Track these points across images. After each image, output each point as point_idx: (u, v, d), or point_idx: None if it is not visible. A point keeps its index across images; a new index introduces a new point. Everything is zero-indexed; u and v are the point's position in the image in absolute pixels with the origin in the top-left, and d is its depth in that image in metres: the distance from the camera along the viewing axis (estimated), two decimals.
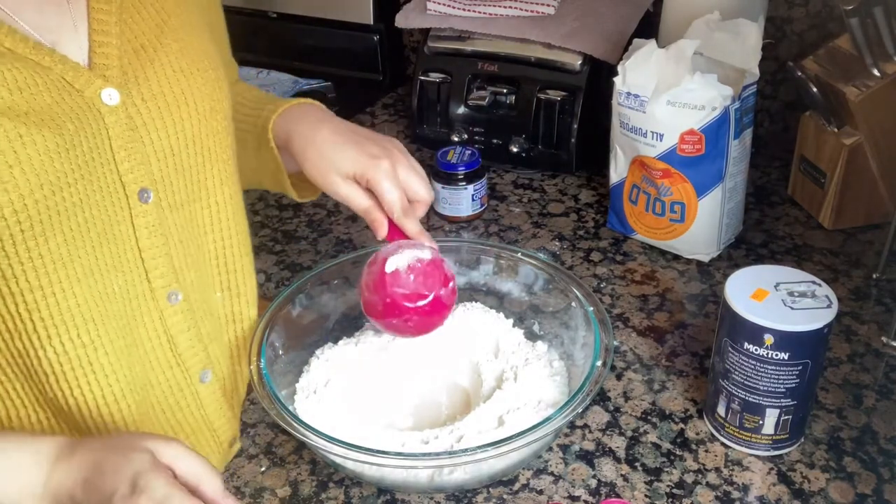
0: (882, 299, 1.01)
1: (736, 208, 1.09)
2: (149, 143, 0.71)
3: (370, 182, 0.81)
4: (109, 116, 0.68)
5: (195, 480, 0.60)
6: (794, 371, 0.75)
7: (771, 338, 0.74)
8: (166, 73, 0.73)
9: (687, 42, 1.02)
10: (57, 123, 0.64)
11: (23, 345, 0.68)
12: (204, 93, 0.75)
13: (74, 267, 0.67)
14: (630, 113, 1.05)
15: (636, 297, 1.04)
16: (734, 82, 1.01)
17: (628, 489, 0.78)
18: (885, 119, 1.06)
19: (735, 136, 1.02)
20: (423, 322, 0.82)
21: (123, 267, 0.71)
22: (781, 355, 0.74)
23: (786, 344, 0.74)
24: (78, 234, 0.67)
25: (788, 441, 0.80)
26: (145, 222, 0.72)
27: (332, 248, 1.17)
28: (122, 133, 0.69)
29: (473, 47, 1.32)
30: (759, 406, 0.78)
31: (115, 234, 0.70)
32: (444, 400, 0.88)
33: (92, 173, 0.67)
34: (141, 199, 0.71)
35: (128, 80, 0.70)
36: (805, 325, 0.73)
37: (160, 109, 0.72)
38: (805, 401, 0.78)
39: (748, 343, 0.75)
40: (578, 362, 0.84)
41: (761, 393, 0.77)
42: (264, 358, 0.79)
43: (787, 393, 0.76)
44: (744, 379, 0.77)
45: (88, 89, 0.68)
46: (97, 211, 0.68)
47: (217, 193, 0.79)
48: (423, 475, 0.74)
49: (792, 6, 1.29)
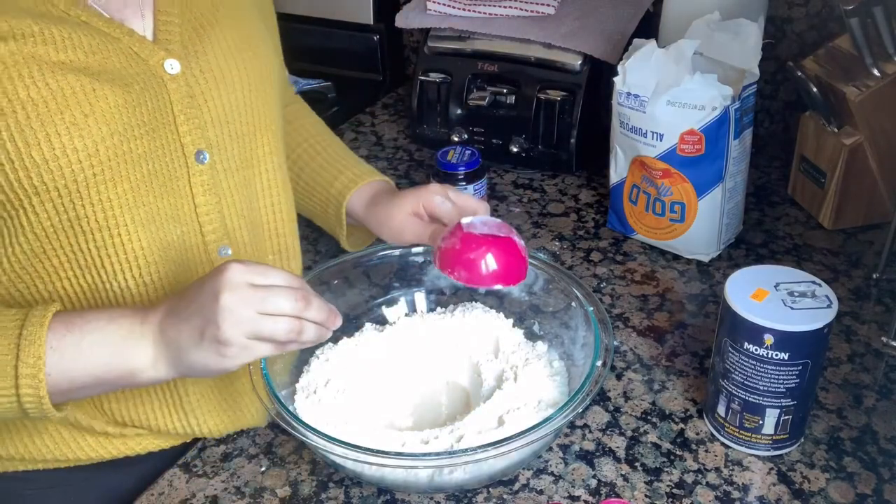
0: (882, 299, 1.01)
1: (736, 208, 1.09)
2: (206, 110, 0.79)
3: (426, 206, 0.89)
4: (171, 84, 0.76)
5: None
6: (794, 371, 0.75)
7: (771, 338, 0.74)
8: (221, 48, 0.80)
9: (687, 42, 1.02)
10: (126, 83, 0.72)
11: (91, 279, 0.76)
12: (254, 66, 0.83)
13: (139, 212, 0.75)
14: (630, 113, 1.05)
15: (636, 297, 1.04)
16: (734, 82, 1.01)
17: (628, 489, 0.78)
18: (885, 119, 1.06)
19: (735, 136, 1.02)
20: (502, 259, 0.79)
21: (181, 219, 0.78)
22: (781, 355, 0.74)
23: (786, 344, 0.74)
24: (142, 183, 0.74)
25: (788, 441, 0.80)
26: (201, 181, 0.79)
27: (332, 249, 1.17)
28: (182, 99, 0.77)
29: (473, 47, 1.32)
30: (759, 406, 0.78)
31: (175, 188, 0.77)
32: (444, 400, 0.88)
33: (155, 131, 0.75)
34: (198, 160, 0.78)
35: (188, 53, 0.78)
36: (805, 325, 0.73)
37: (216, 80, 0.79)
38: (805, 401, 0.78)
39: (748, 343, 0.75)
40: (578, 362, 0.84)
41: (761, 393, 0.77)
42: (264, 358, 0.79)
43: (787, 393, 0.76)
44: (744, 379, 0.77)
45: (153, 59, 0.75)
46: (159, 165, 0.76)
47: (268, 161, 0.86)
48: (423, 475, 0.74)
49: (792, 6, 1.29)
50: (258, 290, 0.67)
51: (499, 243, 0.79)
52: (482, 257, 0.78)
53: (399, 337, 0.92)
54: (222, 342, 0.66)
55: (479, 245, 0.78)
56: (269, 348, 0.69)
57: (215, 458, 0.84)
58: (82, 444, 0.83)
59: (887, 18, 1.01)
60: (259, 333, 0.67)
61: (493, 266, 0.78)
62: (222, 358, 0.67)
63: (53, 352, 0.67)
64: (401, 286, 0.96)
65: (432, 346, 0.91)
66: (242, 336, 0.66)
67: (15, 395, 0.67)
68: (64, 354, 0.68)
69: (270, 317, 0.67)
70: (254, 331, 0.67)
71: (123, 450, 0.84)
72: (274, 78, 0.86)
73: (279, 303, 0.67)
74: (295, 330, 0.69)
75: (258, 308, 0.66)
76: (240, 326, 0.66)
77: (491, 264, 0.78)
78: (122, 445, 0.84)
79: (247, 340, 0.67)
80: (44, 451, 0.83)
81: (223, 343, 0.66)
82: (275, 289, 0.67)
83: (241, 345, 0.67)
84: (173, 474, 0.83)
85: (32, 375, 0.67)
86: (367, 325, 0.94)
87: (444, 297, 0.96)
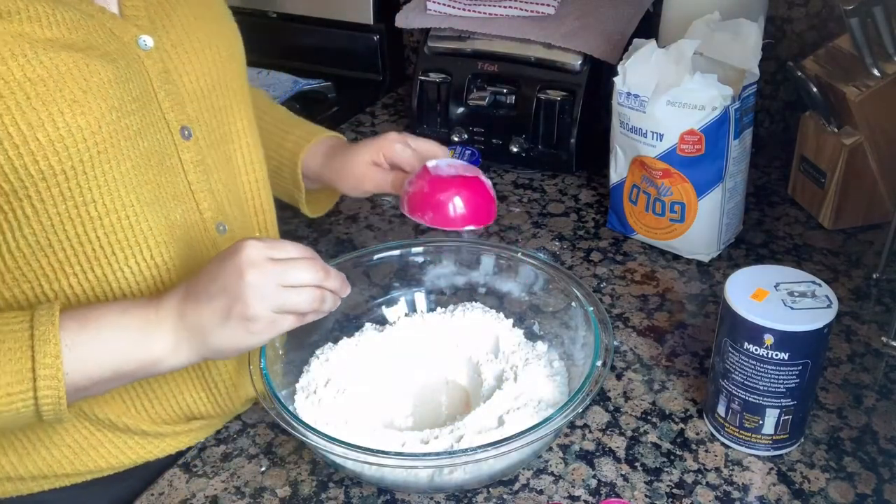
0: (882, 299, 1.01)
1: (736, 208, 1.09)
2: (181, 85, 0.78)
3: (385, 154, 0.90)
4: (147, 60, 0.75)
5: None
6: (794, 371, 0.75)
7: (771, 338, 0.74)
8: (189, 21, 0.79)
9: (687, 42, 1.02)
10: (111, 58, 0.71)
11: (101, 272, 0.74)
12: (222, 39, 0.83)
13: (143, 192, 0.74)
14: (630, 113, 1.05)
15: (636, 297, 1.04)
16: (734, 82, 1.01)
17: (628, 489, 0.78)
18: (885, 119, 1.06)
19: (735, 136, 1.02)
20: (471, 200, 0.79)
21: (179, 196, 0.78)
22: (781, 355, 0.74)
23: (786, 344, 0.74)
24: (143, 160, 0.73)
25: (788, 441, 0.80)
26: (190, 157, 0.79)
27: (332, 248, 1.17)
28: (159, 75, 0.76)
29: (473, 47, 1.32)
30: (760, 406, 0.78)
31: (169, 165, 0.77)
32: (444, 400, 0.88)
33: (144, 107, 0.74)
34: (183, 135, 0.78)
35: (156, 27, 0.77)
36: (805, 325, 0.73)
37: (188, 53, 0.79)
38: (805, 401, 0.78)
39: (748, 343, 0.75)
40: (578, 362, 0.84)
41: (761, 393, 0.77)
42: (264, 358, 0.79)
43: (788, 393, 0.76)
44: (744, 379, 0.77)
45: (126, 35, 0.74)
46: (153, 142, 0.75)
47: (247, 135, 0.86)
48: (422, 475, 0.74)
49: (792, 6, 1.29)
50: (279, 264, 0.68)
51: (467, 184, 0.80)
52: (451, 199, 0.78)
53: (399, 337, 0.92)
54: (250, 318, 0.67)
55: (448, 186, 0.79)
56: (292, 320, 0.70)
57: (215, 458, 0.84)
58: (109, 449, 0.82)
59: (887, 18, 1.01)
60: (284, 306, 0.68)
61: (462, 208, 0.79)
62: (250, 335, 0.68)
63: (69, 350, 0.66)
64: (401, 286, 0.96)
65: (432, 346, 0.91)
66: (269, 310, 0.68)
67: (33, 397, 0.65)
68: (82, 352, 0.67)
69: (294, 289, 0.69)
70: (280, 304, 0.68)
71: (165, 449, 0.84)
72: (241, 52, 0.86)
73: (301, 275, 0.69)
74: (317, 299, 0.70)
75: (282, 281, 0.68)
76: (266, 301, 0.67)
77: (459, 206, 0.79)
78: (159, 445, 0.84)
79: (273, 314, 0.68)
80: (64, 463, 0.81)
81: (251, 319, 0.67)
82: (294, 261, 0.69)
83: (269, 319, 0.68)
84: (173, 474, 0.83)
85: (51, 376, 0.65)
86: (367, 325, 0.94)
87: (444, 297, 0.96)
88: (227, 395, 0.85)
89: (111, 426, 0.81)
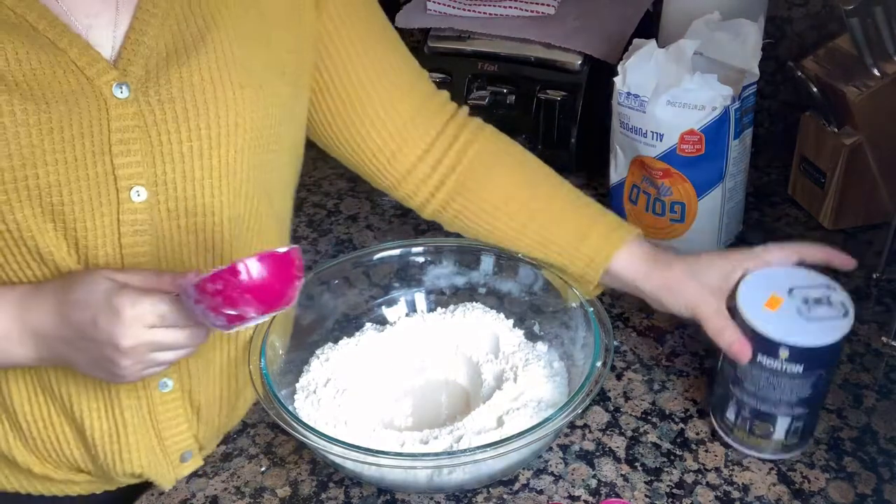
0: (882, 299, 1.01)
1: (736, 208, 1.09)
2: (156, 144, 0.70)
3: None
4: (115, 109, 0.68)
5: (152, 285, 0.68)
6: (809, 382, 0.74)
7: (787, 352, 0.72)
8: (192, 81, 0.71)
9: (687, 42, 1.02)
10: (46, 101, 0.65)
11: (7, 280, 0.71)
12: (230, 107, 0.73)
13: (56, 237, 0.69)
14: (630, 113, 1.05)
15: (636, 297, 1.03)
16: (734, 82, 1.01)
17: (628, 489, 0.78)
18: (885, 119, 1.06)
19: (735, 136, 1.02)
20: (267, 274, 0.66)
21: (99, 258, 0.72)
22: (796, 368, 0.73)
23: (801, 357, 0.72)
24: (51, 213, 0.68)
25: (798, 446, 0.80)
26: (132, 219, 0.72)
27: (332, 248, 1.17)
28: (127, 128, 0.69)
29: (473, 47, 1.31)
30: (772, 415, 0.77)
31: (97, 224, 0.71)
32: (444, 400, 0.88)
33: (78, 159, 0.67)
34: (133, 197, 0.71)
35: (148, 78, 0.70)
36: (822, 340, 0.71)
37: (176, 114, 0.71)
38: (816, 408, 0.77)
39: (762, 355, 0.74)
40: (578, 363, 0.84)
41: (774, 403, 0.76)
42: (264, 358, 0.79)
43: (800, 402, 0.75)
44: (756, 389, 0.76)
45: (100, 79, 0.68)
46: (77, 197, 0.69)
47: (228, 210, 0.76)
48: (422, 475, 0.74)
49: (792, 6, 1.29)
50: (153, 333, 0.66)
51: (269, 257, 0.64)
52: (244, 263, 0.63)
53: (399, 337, 0.92)
54: (118, 375, 0.68)
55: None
56: (162, 369, 0.71)
57: (215, 458, 0.84)
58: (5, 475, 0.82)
59: (887, 18, 1.01)
60: (152, 365, 0.69)
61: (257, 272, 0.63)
62: (115, 380, 0.70)
63: None
64: (401, 286, 0.96)
65: (432, 346, 0.91)
66: (137, 371, 0.68)
67: None
68: None
69: (163, 352, 0.68)
70: (149, 365, 0.68)
71: (50, 489, 0.83)
72: (258, 123, 0.75)
73: (174, 342, 0.68)
74: (189, 353, 0.70)
75: (154, 349, 0.67)
76: (136, 366, 0.67)
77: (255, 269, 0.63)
78: (44, 483, 0.83)
79: (140, 373, 0.69)
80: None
81: (118, 375, 0.68)
82: (171, 331, 0.67)
83: (135, 376, 0.69)
84: None
85: None
86: (367, 325, 0.94)
87: (444, 297, 0.96)
88: (111, 464, 0.80)
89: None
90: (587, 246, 0.85)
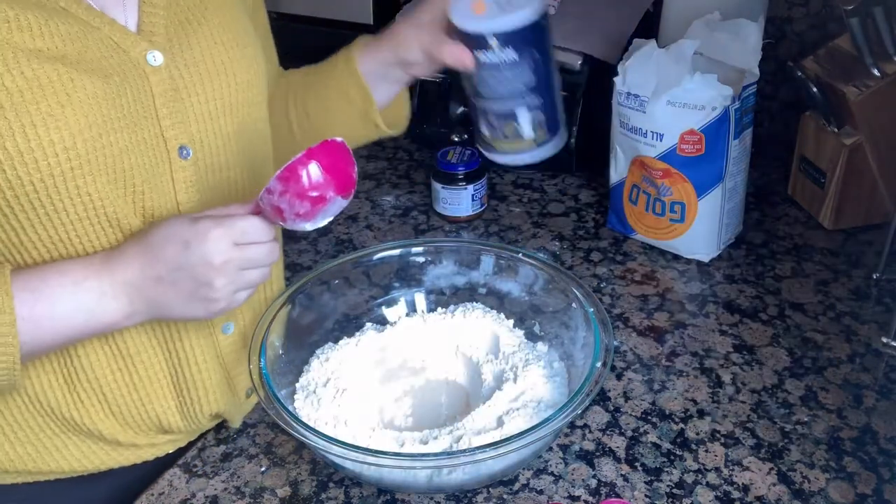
0: (882, 299, 1.01)
1: (736, 208, 1.09)
2: (189, 105, 0.77)
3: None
4: (154, 76, 0.75)
5: (225, 213, 0.73)
6: (527, 66, 0.78)
7: (495, 40, 0.77)
8: (208, 44, 0.79)
9: (687, 42, 1.02)
10: (105, 73, 0.71)
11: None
12: (242, 65, 0.81)
13: (120, 206, 0.73)
14: (630, 113, 1.05)
15: (636, 297, 1.04)
16: (734, 82, 1.01)
17: (628, 489, 0.78)
18: (885, 119, 1.06)
19: (735, 136, 1.02)
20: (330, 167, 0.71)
21: (162, 215, 0.76)
22: (510, 55, 0.78)
23: (509, 41, 0.77)
24: (123, 177, 0.73)
25: (550, 139, 0.84)
26: (184, 177, 0.78)
27: (332, 248, 1.17)
28: (165, 92, 0.75)
29: None
30: (511, 113, 0.81)
31: (157, 184, 0.76)
32: (444, 400, 0.88)
33: (136, 124, 0.73)
34: (181, 155, 0.77)
35: (172, 45, 0.76)
36: (520, 21, 0.76)
37: (201, 76, 0.78)
38: (548, 94, 0.81)
39: (479, 52, 0.79)
40: (578, 363, 0.84)
41: (507, 98, 0.80)
42: (264, 358, 0.79)
43: (529, 91, 0.80)
44: (489, 90, 0.80)
45: (134, 50, 0.74)
46: (141, 160, 0.74)
47: (255, 162, 0.84)
48: (421, 475, 0.74)
49: (792, 6, 1.29)
50: (240, 250, 0.71)
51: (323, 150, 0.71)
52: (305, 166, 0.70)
53: (399, 337, 0.92)
54: (213, 300, 0.72)
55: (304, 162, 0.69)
56: (248, 294, 0.75)
57: (215, 458, 0.84)
58: (73, 452, 0.82)
59: (887, 18, 1.01)
60: (244, 286, 0.73)
61: (318, 175, 0.70)
62: (210, 311, 0.73)
63: (25, 322, 0.68)
64: (401, 286, 0.96)
65: (432, 346, 0.91)
66: (231, 292, 0.72)
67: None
68: (38, 323, 0.69)
69: (251, 270, 0.73)
70: (240, 286, 0.73)
71: (129, 458, 0.84)
72: (260, 80, 0.85)
73: (259, 258, 0.73)
74: (267, 275, 0.75)
75: (243, 266, 0.72)
76: (230, 286, 0.72)
77: (315, 173, 0.70)
78: (123, 454, 0.84)
79: (233, 294, 0.73)
80: (27, 461, 0.81)
81: (214, 300, 0.72)
82: (254, 247, 0.72)
83: (229, 298, 0.73)
84: (173, 474, 0.83)
85: (7, 343, 0.67)
86: (367, 325, 0.94)
87: (444, 297, 0.96)
88: (197, 409, 0.85)
89: (77, 429, 0.81)
90: (338, 77, 0.92)
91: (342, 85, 0.92)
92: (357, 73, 0.90)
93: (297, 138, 0.96)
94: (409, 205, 1.27)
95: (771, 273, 1.07)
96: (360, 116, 0.93)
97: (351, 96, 0.92)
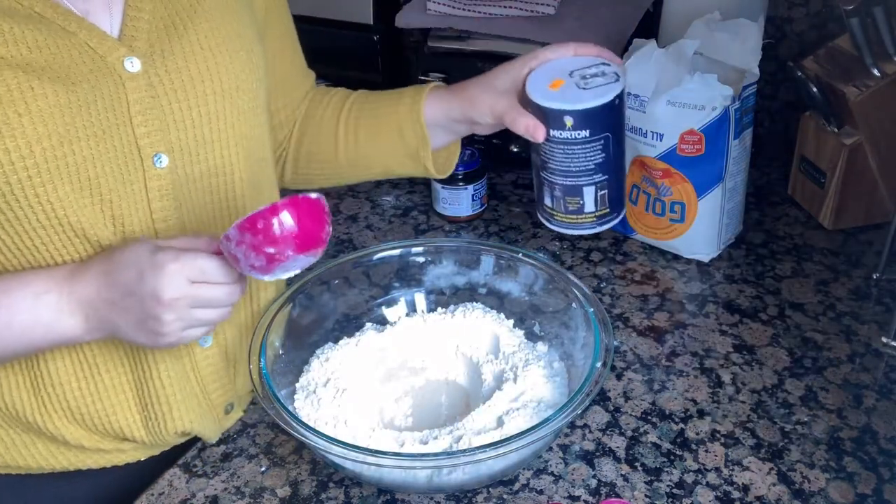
0: (882, 299, 1.01)
1: (736, 208, 1.09)
2: (169, 112, 0.75)
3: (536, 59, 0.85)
4: (130, 82, 0.73)
5: (191, 246, 0.71)
6: (598, 146, 0.79)
7: (571, 119, 0.78)
8: (193, 50, 0.77)
9: (687, 42, 1.02)
10: (73, 81, 0.69)
11: (38, 264, 0.73)
12: (230, 72, 0.79)
13: (86, 214, 0.72)
14: (630, 113, 1.05)
15: (636, 297, 1.04)
16: (734, 82, 1.01)
17: (628, 489, 0.78)
18: (885, 119, 1.06)
19: (735, 136, 1.02)
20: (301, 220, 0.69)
21: (133, 225, 0.75)
22: (583, 133, 0.79)
23: (585, 121, 0.78)
24: (88, 187, 0.71)
25: (612, 215, 0.85)
26: (158, 185, 0.76)
27: (332, 248, 1.17)
28: (142, 99, 0.74)
29: (473, 47, 1.31)
30: (577, 187, 0.82)
31: (127, 193, 0.74)
32: (444, 400, 0.88)
33: (106, 132, 0.72)
34: (155, 163, 0.75)
35: (153, 51, 0.75)
36: (597, 101, 0.77)
37: (183, 82, 0.76)
38: (616, 172, 0.82)
39: (553, 129, 0.79)
40: (578, 363, 0.84)
41: (575, 174, 0.81)
42: (264, 358, 0.79)
43: (597, 168, 0.80)
44: (557, 165, 0.81)
45: (111, 55, 0.72)
46: (110, 168, 0.72)
47: (239, 170, 0.81)
48: (421, 475, 0.74)
49: (792, 6, 1.29)
50: (195, 288, 0.69)
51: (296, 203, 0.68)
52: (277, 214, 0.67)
53: (399, 337, 0.92)
54: (161, 333, 0.70)
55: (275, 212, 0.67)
56: (201, 332, 0.73)
57: (215, 458, 0.85)
58: (40, 450, 0.82)
59: (887, 18, 1.01)
60: (195, 324, 0.71)
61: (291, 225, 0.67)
62: (157, 343, 0.71)
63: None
64: (401, 286, 0.96)
65: (432, 346, 0.91)
66: (179, 329, 0.70)
67: None
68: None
69: (204, 309, 0.71)
70: (191, 323, 0.71)
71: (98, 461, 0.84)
72: (253, 86, 0.82)
73: (215, 299, 0.71)
74: (226, 315, 0.73)
75: (196, 304, 0.70)
76: (178, 322, 0.70)
77: (287, 222, 0.67)
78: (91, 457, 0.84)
79: (181, 331, 0.71)
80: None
81: (161, 334, 0.70)
82: (210, 287, 0.70)
83: (177, 335, 0.71)
84: (173, 474, 0.83)
85: None
86: (367, 325, 0.94)
87: (444, 297, 0.96)
88: (162, 425, 0.83)
89: (41, 433, 0.81)
90: (400, 114, 0.91)
91: (402, 125, 0.91)
92: (420, 119, 0.90)
93: (340, 158, 0.95)
94: (409, 205, 1.27)
95: (771, 273, 1.07)
96: (410, 156, 0.93)
97: (407, 138, 0.91)
